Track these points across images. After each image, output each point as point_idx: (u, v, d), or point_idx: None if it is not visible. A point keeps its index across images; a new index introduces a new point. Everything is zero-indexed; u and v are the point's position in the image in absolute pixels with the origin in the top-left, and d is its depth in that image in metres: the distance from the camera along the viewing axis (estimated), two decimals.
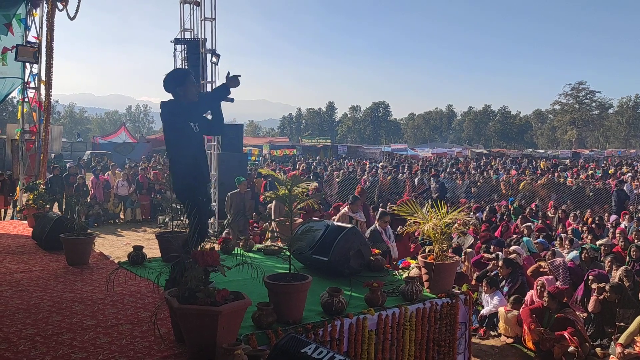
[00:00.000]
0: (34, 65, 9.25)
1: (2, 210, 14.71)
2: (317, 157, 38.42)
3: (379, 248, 6.87)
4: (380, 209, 9.07)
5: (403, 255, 7.60)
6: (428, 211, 5.01)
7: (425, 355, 4.46)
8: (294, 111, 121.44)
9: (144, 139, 48.57)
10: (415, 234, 8.28)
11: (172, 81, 4.56)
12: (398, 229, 7.64)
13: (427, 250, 4.83)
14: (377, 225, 8.01)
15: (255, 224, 13.11)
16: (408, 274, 5.00)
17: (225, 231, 11.62)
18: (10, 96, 9.50)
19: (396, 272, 5.33)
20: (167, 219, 14.84)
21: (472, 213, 12.57)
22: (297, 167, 24.49)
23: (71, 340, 3.46)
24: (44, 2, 8.95)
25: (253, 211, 12.53)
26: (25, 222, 8.27)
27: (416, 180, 18.37)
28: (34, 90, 9.63)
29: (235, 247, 6.29)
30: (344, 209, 8.52)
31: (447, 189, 16.54)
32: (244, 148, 18.79)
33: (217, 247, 5.97)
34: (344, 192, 16.75)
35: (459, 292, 4.80)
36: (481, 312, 7.28)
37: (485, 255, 8.44)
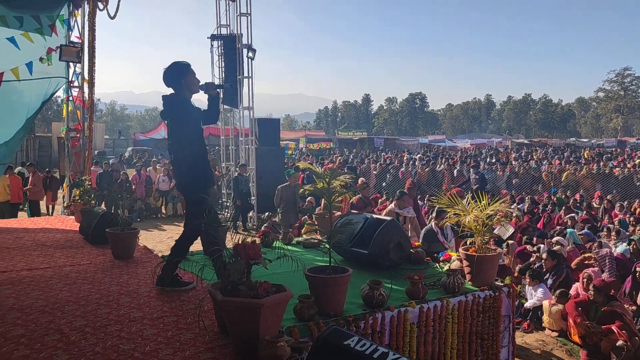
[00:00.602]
0: (77, 64, 9.50)
1: (50, 206, 15.26)
2: (354, 150, 38.33)
3: (434, 249, 6.73)
4: (437, 207, 8.47)
5: None
6: (469, 203, 4.94)
7: (468, 348, 4.40)
8: (329, 104, 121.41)
9: None
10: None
11: (175, 74, 4.51)
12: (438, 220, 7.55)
13: (468, 243, 4.76)
14: (432, 224, 7.67)
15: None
16: (449, 266, 4.94)
17: (265, 225, 11.74)
18: (54, 95, 9.77)
19: (437, 264, 5.28)
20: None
21: (514, 204, 12.33)
22: (334, 161, 24.50)
23: (119, 331, 3.56)
24: (85, 3, 9.17)
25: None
26: (73, 217, 8.54)
27: (455, 171, 18.13)
28: (77, 89, 9.90)
29: (275, 240, 6.35)
30: (390, 206, 8.19)
31: (487, 180, 16.27)
32: (280, 142, 18.88)
33: (257, 240, 6.04)
34: (381, 184, 16.67)
35: (502, 284, 4.72)
36: (524, 305, 7.14)
37: (528, 247, 8.27)
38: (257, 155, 15.18)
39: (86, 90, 9.57)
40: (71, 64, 9.34)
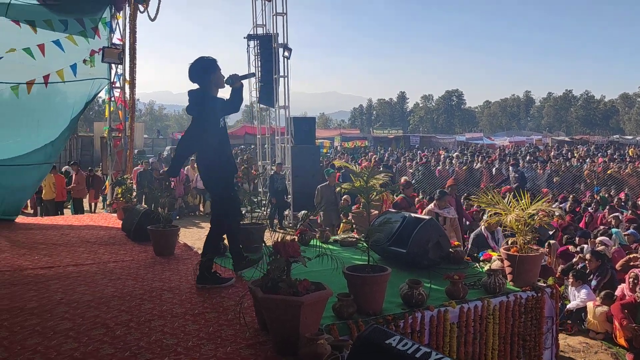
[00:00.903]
0: (119, 65, 9.73)
1: (92, 204, 15.70)
2: (389, 148, 38.11)
3: None
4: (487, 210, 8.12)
5: None
6: (510, 202, 4.85)
7: (510, 349, 4.33)
8: (364, 102, 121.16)
9: None
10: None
11: (203, 69, 4.46)
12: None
13: (509, 242, 4.68)
14: (482, 228, 7.45)
15: None
16: (489, 266, 4.87)
17: (300, 222, 11.79)
18: (96, 96, 10.03)
19: (477, 264, 5.20)
20: (243, 211, 15.27)
21: (556, 203, 12.04)
22: (369, 159, 24.42)
23: (162, 326, 3.63)
24: (127, 5, 9.38)
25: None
26: (115, 214, 8.76)
27: (493, 169, 17.81)
28: (119, 90, 10.15)
29: (312, 239, 6.37)
30: (430, 206, 7.99)
31: (527, 179, 15.93)
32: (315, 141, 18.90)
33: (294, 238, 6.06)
34: (418, 183, 16.52)
35: (545, 285, 4.62)
36: (567, 307, 6.97)
37: (571, 247, 8.07)
38: (293, 154, 15.27)
39: (127, 90, 9.81)
40: (113, 65, 9.57)
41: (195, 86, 4.53)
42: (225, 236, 4.93)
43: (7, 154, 8.50)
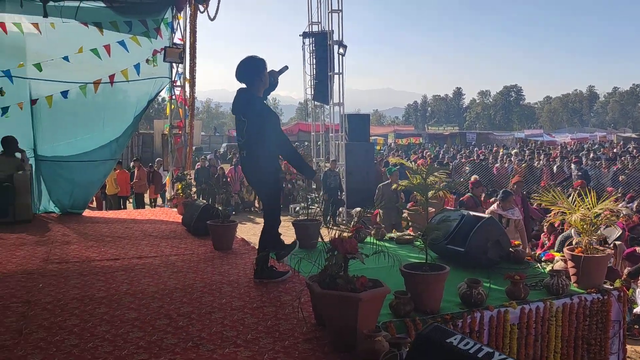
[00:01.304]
0: (180, 64, 10.01)
1: (153, 199, 16.25)
2: (445, 145, 37.50)
3: None
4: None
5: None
6: (575, 200, 4.68)
7: (574, 353, 4.18)
8: (418, 99, 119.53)
9: None
10: (556, 224, 7.78)
11: (253, 69, 4.43)
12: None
13: (574, 243, 4.52)
14: (572, 231, 6.95)
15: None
16: (552, 267, 4.71)
17: (354, 220, 11.78)
18: (158, 94, 10.36)
19: (538, 265, 5.05)
20: (297, 208, 15.43)
21: (622, 202, 11.52)
22: (424, 156, 24.11)
23: (222, 318, 3.73)
24: (188, 6, 9.63)
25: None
26: (175, 209, 9.04)
27: (555, 167, 17.22)
28: (179, 88, 10.45)
29: (367, 236, 6.36)
30: (493, 207, 7.67)
31: (591, 177, 15.30)
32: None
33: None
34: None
35: (612, 287, 4.44)
36: (635, 310, 6.67)
37: (639, 249, 7.70)
38: (347, 151, 15.28)
39: (187, 89, 10.08)
40: (174, 64, 9.85)
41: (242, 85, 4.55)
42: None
43: (75, 150, 8.94)
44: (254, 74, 4.47)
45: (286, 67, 4.74)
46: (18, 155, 8.10)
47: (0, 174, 7.71)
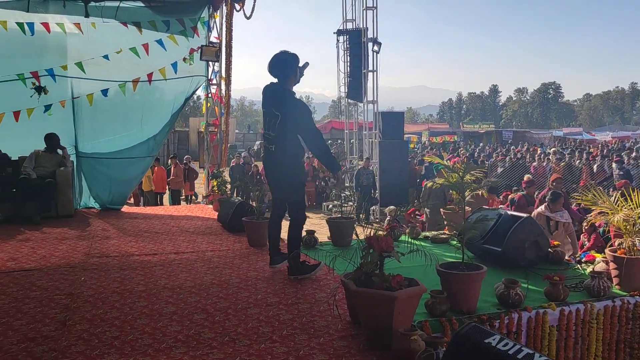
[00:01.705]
0: (216, 63, 10.13)
1: (188, 196, 16.51)
2: (480, 144, 36.93)
3: None
4: None
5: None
6: (617, 200, 4.55)
7: (615, 357, 4.08)
8: (453, 96, 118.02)
9: None
10: (597, 224, 7.57)
11: (288, 63, 4.46)
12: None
13: (616, 244, 4.39)
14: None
15: (417, 212, 13.03)
16: (593, 268, 4.60)
17: (387, 218, 11.72)
18: (195, 92, 10.50)
19: (578, 266, 4.94)
20: (330, 206, 15.45)
21: None
22: (458, 154, 23.81)
23: (258, 314, 3.77)
24: (224, 5, 9.73)
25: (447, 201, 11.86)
26: (211, 206, 9.16)
27: (595, 166, 16.75)
28: (215, 87, 10.57)
29: (401, 234, 6.32)
30: (540, 208, 7.18)
31: (633, 177, 14.83)
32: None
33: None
34: (512, 180, 15.87)
35: None
36: None
37: None
38: (381, 149, 15.20)
39: (223, 87, 10.18)
40: (210, 63, 9.97)
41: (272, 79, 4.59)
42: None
43: (114, 147, 9.15)
44: (289, 68, 4.50)
45: (307, 64, 4.73)
46: (60, 151, 8.34)
47: (43, 170, 7.96)
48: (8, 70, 8.21)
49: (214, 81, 10.48)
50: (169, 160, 16.48)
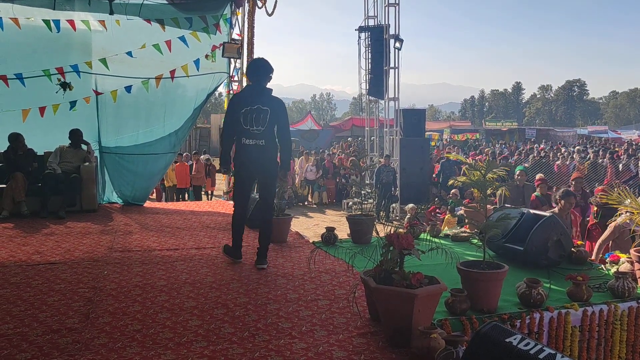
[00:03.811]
0: (238, 60, 10.16)
1: (209, 191, 16.64)
2: (502, 142, 36.50)
3: None
4: None
5: None
6: None
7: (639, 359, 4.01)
8: (476, 93, 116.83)
9: (328, 125, 50.81)
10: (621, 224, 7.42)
11: (267, 69, 5.03)
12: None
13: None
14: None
15: (437, 210, 12.95)
16: (617, 268, 4.52)
17: (407, 216, 11.67)
18: (216, 89, 10.55)
19: (602, 266, 4.85)
20: (350, 203, 15.43)
21: None
22: (483, 152, 23.56)
23: (277, 310, 3.78)
24: (246, 2, 9.75)
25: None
26: (231, 202, 9.20)
27: (620, 165, 16.44)
28: (237, 84, 10.60)
29: (421, 232, 6.29)
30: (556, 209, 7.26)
31: None
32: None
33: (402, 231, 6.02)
34: (534, 179, 15.65)
35: None
36: None
37: None
38: (402, 146, 15.13)
39: (244, 84, 10.22)
40: (232, 59, 10.00)
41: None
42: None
43: (137, 143, 9.25)
44: (267, 72, 5.04)
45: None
46: (84, 147, 8.47)
47: (68, 165, 8.10)
48: (34, 66, 8.35)
49: (236, 78, 10.50)
50: (192, 156, 16.64)
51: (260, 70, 5.06)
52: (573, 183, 7.83)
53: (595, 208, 7.00)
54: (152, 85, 9.15)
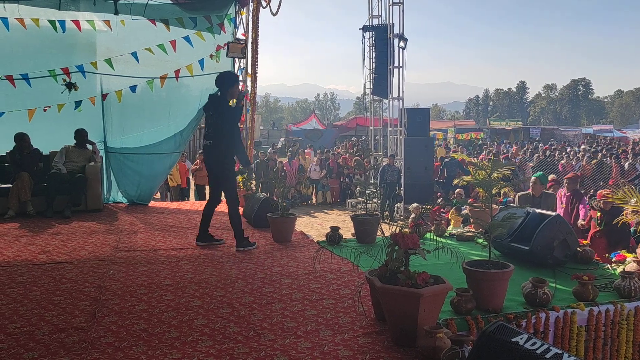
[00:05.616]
0: (242, 59, 10.17)
1: None
2: (506, 141, 36.41)
3: None
4: None
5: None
6: None
7: None
8: (480, 93, 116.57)
9: (332, 125, 50.82)
10: (631, 224, 7.39)
11: (226, 81, 5.75)
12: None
13: None
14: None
15: (442, 210, 12.92)
16: (624, 268, 4.50)
17: (412, 215, 11.64)
18: None
19: (608, 265, 4.84)
20: (354, 202, 15.42)
21: None
22: (486, 151, 23.50)
23: (283, 310, 3.79)
24: (250, 1, 9.76)
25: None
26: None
27: (626, 164, 16.37)
28: (241, 83, 10.61)
29: (426, 232, 6.28)
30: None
31: None
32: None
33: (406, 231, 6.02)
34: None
35: None
36: None
37: None
38: (406, 146, 15.10)
39: (249, 83, 10.23)
40: (236, 59, 10.01)
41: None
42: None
43: (142, 143, 9.27)
44: (227, 85, 5.75)
45: (244, 93, 6.37)
46: (89, 147, 8.49)
47: (73, 165, 8.12)
48: (39, 66, 8.38)
49: (240, 77, 10.52)
50: (197, 156, 16.67)
51: (221, 81, 5.79)
52: (566, 183, 7.77)
53: (598, 214, 6.97)
54: (156, 85, 9.17)
